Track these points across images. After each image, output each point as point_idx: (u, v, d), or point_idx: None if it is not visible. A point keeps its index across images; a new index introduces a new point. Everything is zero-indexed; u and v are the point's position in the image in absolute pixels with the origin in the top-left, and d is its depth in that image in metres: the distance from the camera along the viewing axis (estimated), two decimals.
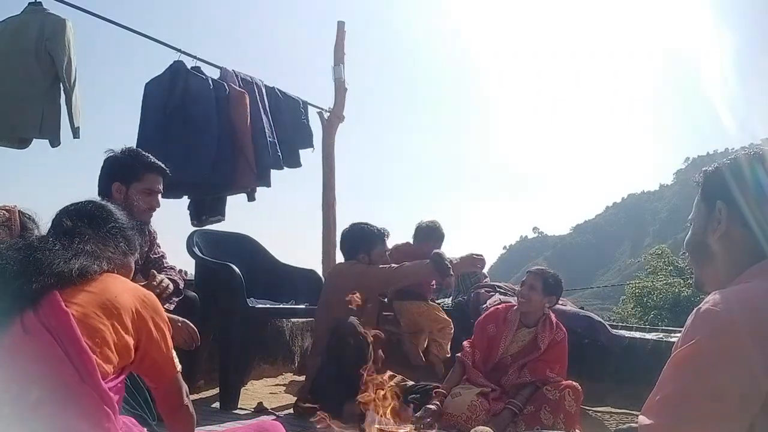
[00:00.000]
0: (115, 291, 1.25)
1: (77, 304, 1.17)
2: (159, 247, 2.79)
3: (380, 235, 3.37)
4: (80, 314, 1.16)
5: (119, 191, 2.42)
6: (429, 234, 4.05)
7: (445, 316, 3.92)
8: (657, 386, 0.94)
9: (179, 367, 1.40)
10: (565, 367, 3.03)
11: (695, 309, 0.94)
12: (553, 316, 3.12)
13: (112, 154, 2.49)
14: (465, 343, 3.19)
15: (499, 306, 3.28)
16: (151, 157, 2.58)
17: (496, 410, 2.85)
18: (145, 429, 1.40)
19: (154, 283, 2.42)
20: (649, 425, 0.92)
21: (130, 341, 1.23)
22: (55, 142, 3.36)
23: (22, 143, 3.42)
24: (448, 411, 2.86)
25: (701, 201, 1.11)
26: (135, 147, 2.81)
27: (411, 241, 4.15)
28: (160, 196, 2.58)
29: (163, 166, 2.59)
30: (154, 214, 2.61)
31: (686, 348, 0.91)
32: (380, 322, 3.66)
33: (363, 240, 3.33)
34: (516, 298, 3.18)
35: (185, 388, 1.45)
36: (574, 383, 2.88)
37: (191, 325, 2.33)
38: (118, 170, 2.45)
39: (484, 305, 3.88)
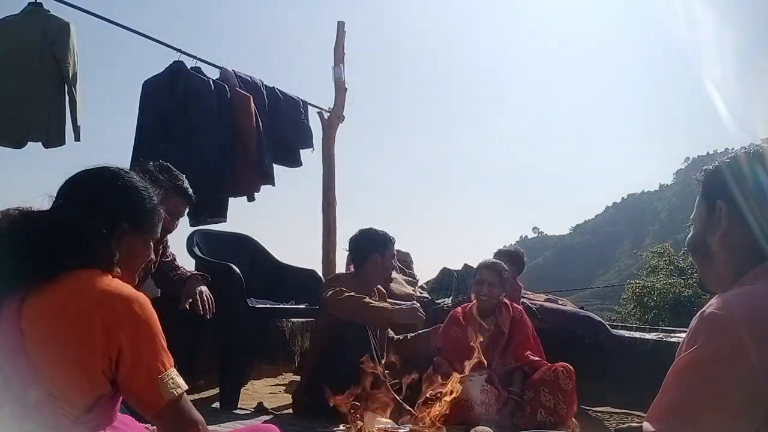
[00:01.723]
0: (83, 299, 1.05)
1: (36, 330, 1.03)
2: (169, 248, 2.83)
3: (391, 239, 3.36)
4: (38, 346, 1.01)
5: None
6: (512, 260, 3.91)
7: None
8: (660, 392, 0.93)
9: (179, 392, 1.10)
10: (537, 341, 3.20)
11: (699, 312, 0.93)
12: (505, 299, 3.29)
13: (140, 164, 2.44)
14: (437, 359, 3.17)
15: (455, 309, 3.38)
16: (181, 179, 2.53)
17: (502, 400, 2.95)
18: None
19: (198, 303, 2.59)
20: None
21: (103, 362, 1.04)
22: (59, 143, 3.37)
23: (19, 143, 3.42)
24: (461, 395, 2.90)
25: (702, 200, 1.11)
26: (159, 158, 2.64)
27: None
28: (179, 220, 2.59)
29: (190, 192, 2.56)
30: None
31: (689, 353, 0.90)
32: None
33: (376, 242, 3.30)
34: (475, 295, 3.28)
35: (193, 418, 1.13)
36: (565, 363, 3.00)
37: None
38: None
39: None
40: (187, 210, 2.67)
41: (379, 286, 3.39)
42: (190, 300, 2.62)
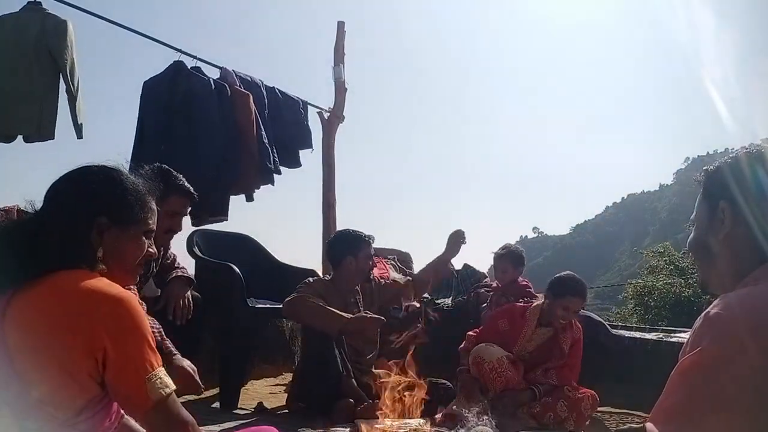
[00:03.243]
0: (66, 300, 1.03)
1: (19, 334, 1.01)
2: (170, 249, 2.83)
3: (366, 239, 3.26)
4: (22, 350, 1.00)
5: None
6: (514, 259, 3.86)
7: None
8: (664, 393, 0.93)
9: (167, 392, 1.08)
10: (580, 362, 3.19)
11: (703, 313, 0.93)
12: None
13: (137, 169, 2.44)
14: (470, 333, 3.25)
15: (516, 304, 3.35)
16: (180, 178, 2.54)
17: (520, 387, 3.02)
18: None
19: (171, 307, 2.52)
20: None
21: (89, 365, 1.02)
22: (47, 137, 3.38)
23: (8, 138, 3.42)
24: (479, 355, 3.03)
25: (703, 200, 1.10)
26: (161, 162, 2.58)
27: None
28: (183, 219, 2.59)
29: (191, 189, 2.56)
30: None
31: (693, 355, 0.90)
32: None
33: (349, 243, 3.24)
34: (559, 318, 3.07)
35: (182, 418, 1.11)
36: (593, 392, 3.05)
37: (192, 374, 2.25)
38: None
39: (485, 305, 3.90)
40: (189, 208, 2.67)
41: (363, 287, 3.34)
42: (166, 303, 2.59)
